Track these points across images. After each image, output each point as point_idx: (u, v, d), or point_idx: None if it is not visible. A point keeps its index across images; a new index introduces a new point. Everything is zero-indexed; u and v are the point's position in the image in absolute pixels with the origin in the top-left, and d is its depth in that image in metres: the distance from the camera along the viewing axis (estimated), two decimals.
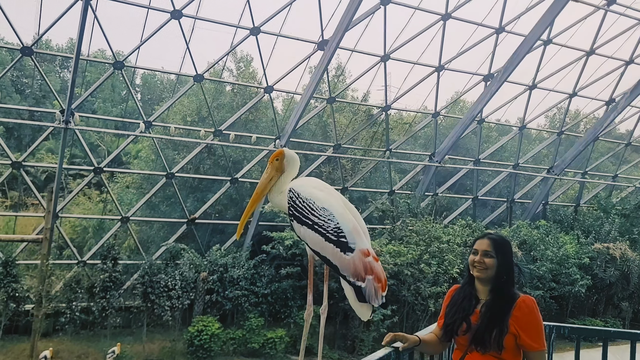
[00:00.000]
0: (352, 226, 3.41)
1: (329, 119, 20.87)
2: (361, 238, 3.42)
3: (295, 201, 3.56)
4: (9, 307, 15.16)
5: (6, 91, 31.00)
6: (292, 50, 17.32)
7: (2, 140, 16.05)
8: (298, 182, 3.75)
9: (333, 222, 3.37)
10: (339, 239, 3.35)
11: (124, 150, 26.04)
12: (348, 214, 3.51)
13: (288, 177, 3.82)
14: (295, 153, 3.95)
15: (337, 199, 3.61)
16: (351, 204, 3.73)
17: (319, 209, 3.44)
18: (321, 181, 3.86)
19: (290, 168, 3.82)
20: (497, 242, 3.11)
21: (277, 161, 3.80)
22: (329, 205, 3.47)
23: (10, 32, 13.76)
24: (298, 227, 3.57)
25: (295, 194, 3.58)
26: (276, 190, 3.83)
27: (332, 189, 3.76)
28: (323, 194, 3.57)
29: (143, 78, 33.06)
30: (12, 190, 24.79)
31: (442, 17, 17.00)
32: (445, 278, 17.34)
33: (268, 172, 3.82)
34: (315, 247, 3.49)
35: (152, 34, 14.57)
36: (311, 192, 3.57)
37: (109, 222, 19.78)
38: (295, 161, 3.86)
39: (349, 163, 21.28)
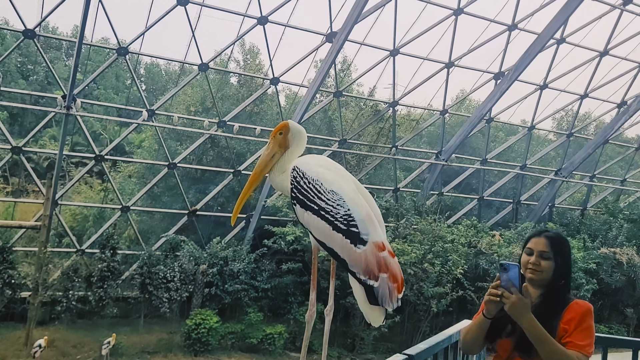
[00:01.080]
0: (366, 214, 2.92)
1: (334, 113, 20.54)
2: (375, 228, 2.92)
3: (299, 182, 3.08)
4: (4, 294, 14.93)
5: (11, 77, 30.75)
6: (300, 42, 16.98)
7: (2, 125, 15.73)
8: (303, 160, 3.25)
9: (343, 208, 2.90)
10: (350, 229, 2.86)
11: (128, 139, 25.81)
12: (361, 199, 3.03)
13: (293, 154, 3.32)
14: (303, 129, 3.41)
15: (349, 181, 3.14)
16: (365, 189, 3.24)
17: (326, 192, 2.96)
18: (330, 160, 3.36)
19: (295, 144, 3.31)
20: (555, 241, 2.74)
21: (280, 135, 3.29)
22: (339, 188, 2.99)
23: (17, 17, 13.51)
24: (301, 212, 3.07)
25: (300, 173, 3.10)
26: (278, 169, 3.33)
27: (342, 169, 3.27)
28: (332, 175, 3.09)
29: (147, 69, 32.79)
30: (14, 177, 24.59)
31: (454, 12, 16.64)
32: (448, 278, 17.03)
33: (270, 148, 3.30)
34: (320, 236, 3.01)
35: (158, 20, 14.27)
36: (318, 171, 3.08)
37: (109, 211, 19.52)
38: (302, 136, 3.34)
39: (353, 159, 20.95)
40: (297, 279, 17.27)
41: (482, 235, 19.24)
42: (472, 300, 17.46)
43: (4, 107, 24.08)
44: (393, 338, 17.57)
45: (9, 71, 30.98)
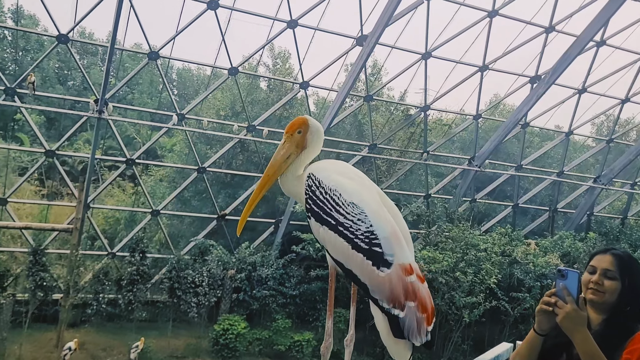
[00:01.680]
0: (391, 231, 2.54)
1: (365, 117, 20.23)
2: (402, 248, 2.54)
3: (314, 191, 2.69)
4: (36, 296, 15.08)
5: (50, 82, 31.46)
6: (330, 46, 16.77)
7: (37, 129, 15.95)
8: (320, 166, 2.87)
9: (365, 223, 2.51)
10: (372, 248, 2.48)
11: (160, 143, 26.03)
12: (386, 213, 2.64)
13: (309, 156, 2.96)
14: (322, 127, 3.07)
15: (372, 192, 2.75)
16: (390, 201, 2.88)
17: (346, 204, 2.57)
18: (351, 166, 2.99)
19: (314, 144, 2.94)
20: (623, 260, 2.37)
21: (298, 134, 2.90)
22: (361, 200, 2.59)
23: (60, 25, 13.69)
24: (316, 226, 2.68)
25: (316, 181, 2.71)
26: (292, 173, 2.94)
27: (365, 177, 2.90)
28: (353, 184, 2.70)
29: (178, 74, 33.11)
30: (50, 180, 25.06)
31: (489, 14, 16.16)
32: (481, 288, 16.48)
33: (285, 148, 2.90)
34: (337, 255, 2.61)
35: (188, 24, 14.25)
36: (337, 180, 2.69)
37: (140, 215, 19.63)
38: (321, 135, 2.97)
39: (384, 164, 20.60)
40: (325, 285, 16.96)
41: (517, 244, 18.61)
42: (506, 310, 16.88)
43: (41, 111, 24.59)
44: (423, 348, 17.08)
45: (47, 77, 31.73)
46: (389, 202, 2.83)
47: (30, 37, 30.16)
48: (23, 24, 29.04)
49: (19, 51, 31.05)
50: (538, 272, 17.44)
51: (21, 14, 30.23)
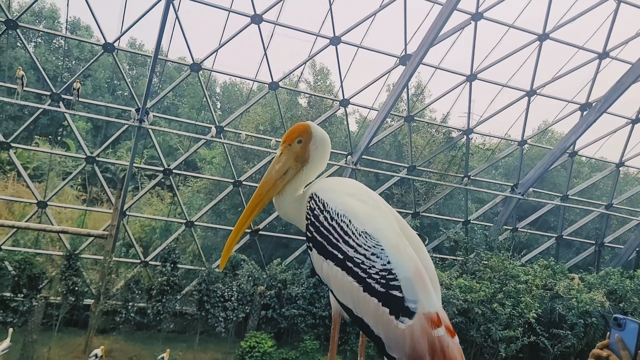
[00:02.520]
0: (415, 269, 2.00)
1: (405, 138, 19.77)
2: (428, 292, 2.00)
3: (318, 216, 2.16)
4: (68, 300, 15.15)
5: (100, 91, 32.32)
6: (372, 64, 16.49)
7: (79, 135, 16.19)
8: (325, 185, 2.33)
9: (381, 259, 1.98)
10: (390, 292, 1.95)
11: (200, 155, 26.21)
12: (408, 246, 2.08)
13: (312, 172, 2.42)
14: (328, 136, 2.47)
15: (390, 219, 2.20)
16: (411, 229, 2.31)
17: (357, 234, 2.04)
18: (363, 185, 2.42)
19: (318, 158, 2.40)
20: None
21: (298, 144, 2.37)
22: (376, 229, 2.06)
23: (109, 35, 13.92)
24: (319, 260, 2.15)
25: (320, 203, 2.19)
26: (290, 192, 2.41)
27: (380, 200, 2.33)
28: (366, 209, 2.16)
29: (223, 87, 33.44)
30: (92, 186, 25.56)
31: (539, 38, 15.57)
32: (519, 322, 15.66)
33: (282, 161, 2.38)
34: (345, 299, 2.07)
35: (231, 37, 14.24)
36: (346, 202, 2.17)
37: (175, 225, 19.64)
38: (327, 147, 2.42)
39: (423, 187, 20.03)
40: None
41: (560, 278, 17.66)
42: (546, 347, 15.97)
43: (89, 119, 25.21)
44: None
45: (98, 86, 32.61)
46: (410, 231, 2.28)
47: (84, 48, 31.13)
48: (78, 35, 30.01)
49: (72, 60, 32.07)
50: (582, 309, 16.47)
51: (76, 24, 31.29)
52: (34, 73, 22.16)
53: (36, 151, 23.14)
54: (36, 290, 15.12)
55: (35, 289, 15.11)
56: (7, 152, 15.03)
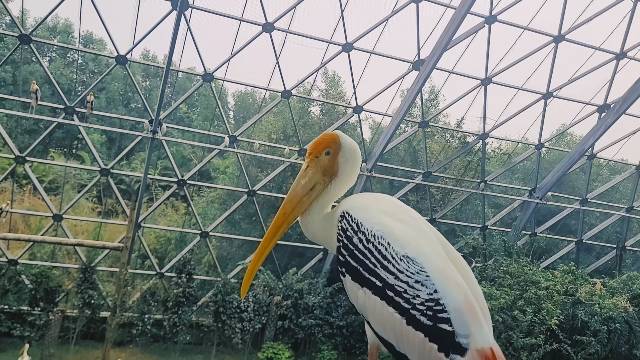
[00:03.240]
0: (465, 299, 1.77)
1: (419, 144, 19.55)
2: (480, 324, 1.78)
3: (351, 238, 1.91)
4: (84, 313, 15.12)
5: (114, 103, 32.54)
6: (385, 70, 16.32)
7: (93, 148, 16.21)
8: (358, 202, 2.08)
9: (426, 287, 1.75)
10: (438, 325, 1.72)
11: (213, 165, 26.19)
12: (455, 272, 1.86)
13: (342, 187, 2.19)
14: (358, 147, 2.24)
15: (432, 240, 1.96)
16: (456, 251, 2.08)
17: (397, 259, 1.81)
18: (399, 202, 2.18)
19: (348, 171, 2.17)
20: None
21: (326, 156, 2.15)
22: (419, 253, 1.82)
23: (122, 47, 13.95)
24: (354, 288, 1.91)
25: (354, 223, 1.95)
26: (317, 210, 2.16)
27: (421, 219, 2.09)
28: (407, 230, 1.92)
29: (236, 96, 33.48)
30: (107, 198, 25.65)
31: (554, 39, 15.31)
32: (541, 329, 15.28)
33: (309, 176, 2.14)
34: (385, 332, 1.84)
35: (243, 47, 14.17)
36: (384, 222, 1.92)
37: (190, 236, 19.59)
38: (357, 159, 2.19)
39: (438, 193, 19.76)
40: None
41: (581, 283, 17.26)
42: (569, 355, 15.56)
43: (104, 131, 25.38)
44: None
45: (112, 98, 32.83)
46: (454, 253, 2.03)
47: (99, 61, 31.39)
48: (92, 48, 30.29)
49: (87, 73, 32.35)
50: (605, 315, 16.04)
51: (89, 38, 31.59)
52: (49, 87, 22.35)
53: (51, 164, 23.29)
54: (53, 303, 15.12)
55: (52, 303, 15.11)
56: (22, 166, 15.08)
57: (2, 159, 21.16)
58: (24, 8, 13.68)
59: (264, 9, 13.54)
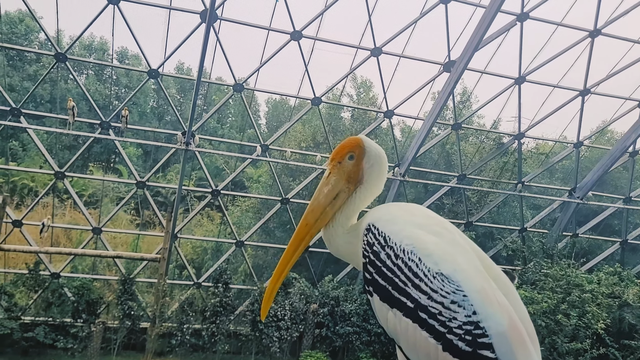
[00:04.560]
0: (509, 321, 1.57)
1: (453, 146, 19.26)
2: (528, 350, 1.58)
3: (378, 253, 1.75)
4: (125, 324, 15.36)
5: (147, 117, 33.24)
6: (415, 73, 16.15)
7: (129, 161, 16.54)
8: (385, 213, 1.90)
9: (464, 308, 1.56)
10: (478, 351, 1.53)
11: (247, 174, 26.39)
12: (497, 290, 1.66)
13: (367, 195, 2.04)
14: (384, 151, 2.10)
15: (470, 255, 1.76)
16: (496, 267, 1.88)
17: (430, 276, 1.63)
18: (432, 212, 1.96)
19: (374, 178, 2.03)
20: None
21: (350, 160, 2.01)
22: (454, 270, 1.63)
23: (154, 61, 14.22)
24: (383, 309, 1.74)
25: (381, 237, 1.77)
26: (341, 222, 2.02)
27: (456, 230, 1.87)
28: (441, 243, 1.72)
29: (269, 104, 33.75)
30: (144, 210, 26.17)
31: (590, 34, 14.88)
32: (587, 333, 14.80)
33: (332, 184, 2.03)
34: (418, 358, 1.66)
35: (272, 55, 14.25)
36: (413, 235, 1.73)
37: (226, 245, 19.74)
38: (383, 164, 2.05)
39: (474, 195, 19.39)
40: None
41: (628, 285, 16.64)
42: (617, 359, 15.02)
43: (139, 144, 25.93)
44: None
45: (145, 112, 33.57)
46: (495, 269, 1.82)
47: (133, 76, 32.12)
48: (127, 63, 31.01)
49: (122, 88, 33.14)
50: None
51: (124, 53, 32.36)
52: (85, 103, 22.93)
53: (90, 179, 23.89)
54: (94, 315, 15.41)
55: (94, 314, 15.40)
56: (62, 181, 15.47)
57: (43, 175, 21.83)
58: (59, 27, 14.00)
59: (291, 18, 13.59)
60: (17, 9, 28.50)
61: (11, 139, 25.88)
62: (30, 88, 19.11)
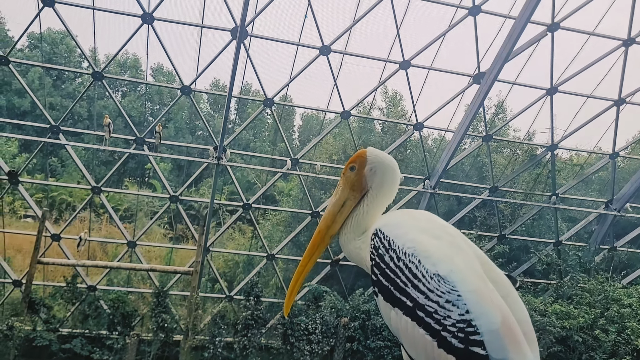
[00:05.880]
0: (502, 320, 1.65)
1: (484, 158, 19.05)
2: (520, 349, 1.64)
3: (382, 256, 1.89)
4: (158, 337, 15.61)
5: (181, 132, 33.94)
6: (445, 85, 16.12)
7: (162, 176, 16.90)
8: (392, 218, 2.05)
9: (457, 307, 1.66)
10: (470, 348, 1.62)
11: (278, 188, 26.63)
12: (493, 291, 1.75)
13: (376, 202, 2.15)
14: (391, 158, 2.24)
15: (469, 257, 1.85)
16: (499, 270, 1.96)
17: (428, 277, 1.74)
18: (437, 218, 2.09)
19: (378, 184, 2.15)
20: None
21: (351, 172, 2.17)
22: (451, 270, 1.74)
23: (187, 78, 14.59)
24: (386, 308, 1.89)
25: (385, 241, 1.92)
26: (352, 228, 2.15)
27: (458, 233, 1.99)
28: (440, 246, 1.84)
29: (304, 118, 34.10)
30: (177, 223, 26.65)
31: (624, 43, 14.62)
32: (627, 349, 14.36)
33: (338, 194, 2.19)
34: (417, 355, 1.77)
35: (301, 70, 14.45)
36: (415, 239, 1.86)
37: (257, 259, 19.92)
38: (388, 171, 2.17)
39: (507, 208, 19.10)
40: None
41: None
42: None
43: (172, 159, 26.50)
44: None
45: (179, 127, 34.29)
46: (497, 272, 1.91)
47: (166, 92, 32.94)
48: (162, 80, 31.82)
49: (156, 104, 33.99)
50: None
51: (159, 70, 33.22)
52: (121, 120, 23.61)
53: (125, 193, 24.48)
54: (129, 327, 15.72)
55: (129, 327, 15.70)
56: (99, 196, 15.91)
57: (80, 190, 22.48)
58: (96, 46, 14.53)
59: (320, 33, 13.78)
60: (58, 29, 29.58)
61: (51, 156, 26.80)
62: (69, 106, 19.80)
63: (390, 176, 2.17)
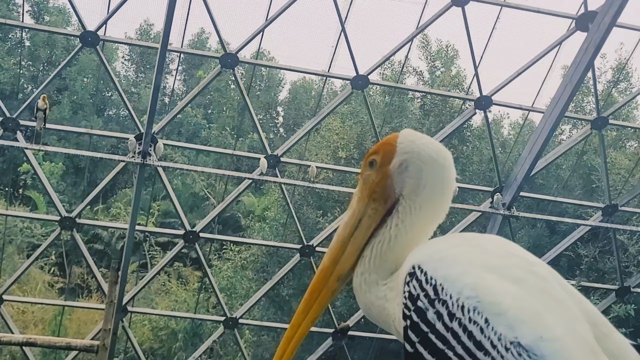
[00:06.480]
0: None
1: (595, 158, 19.18)
2: None
3: (425, 312, 1.77)
4: None
5: (82, 111, 34.16)
6: (528, 35, 16.24)
7: (49, 185, 16.92)
8: (440, 249, 1.93)
9: None
10: None
11: (245, 206, 26.75)
12: None
13: (414, 222, 2.01)
14: (439, 146, 2.06)
15: (571, 312, 1.75)
16: (618, 334, 1.86)
17: (501, 348, 1.62)
18: (514, 245, 1.99)
19: (415, 187, 2.00)
20: None
21: (371, 169, 2.06)
22: (541, 337, 1.61)
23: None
24: None
25: (429, 286, 1.78)
26: (373, 265, 2.03)
27: (552, 273, 1.90)
28: (520, 295, 1.71)
29: (292, 91, 34.48)
30: (73, 265, 26.67)
31: None
32: None
33: (352, 207, 2.08)
34: None
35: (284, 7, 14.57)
36: (480, 284, 1.73)
37: (209, 326, 19.96)
38: (434, 167, 2.00)
39: (633, 242, 19.24)
40: None
41: None
42: None
43: (64, 157, 26.55)
44: None
45: (79, 103, 34.50)
46: (618, 342, 1.82)
47: (56, 43, 33.08)
48: (49, 22, 31.89)
49: (39, 65, 34.11)
50: None
51: (45, 5, 33.36)
52: None
53: None
54: None
55: None
56: None
57: None
58: None
59: None
60: None
61: None
62: None
63: (436, 175, 2.02)
